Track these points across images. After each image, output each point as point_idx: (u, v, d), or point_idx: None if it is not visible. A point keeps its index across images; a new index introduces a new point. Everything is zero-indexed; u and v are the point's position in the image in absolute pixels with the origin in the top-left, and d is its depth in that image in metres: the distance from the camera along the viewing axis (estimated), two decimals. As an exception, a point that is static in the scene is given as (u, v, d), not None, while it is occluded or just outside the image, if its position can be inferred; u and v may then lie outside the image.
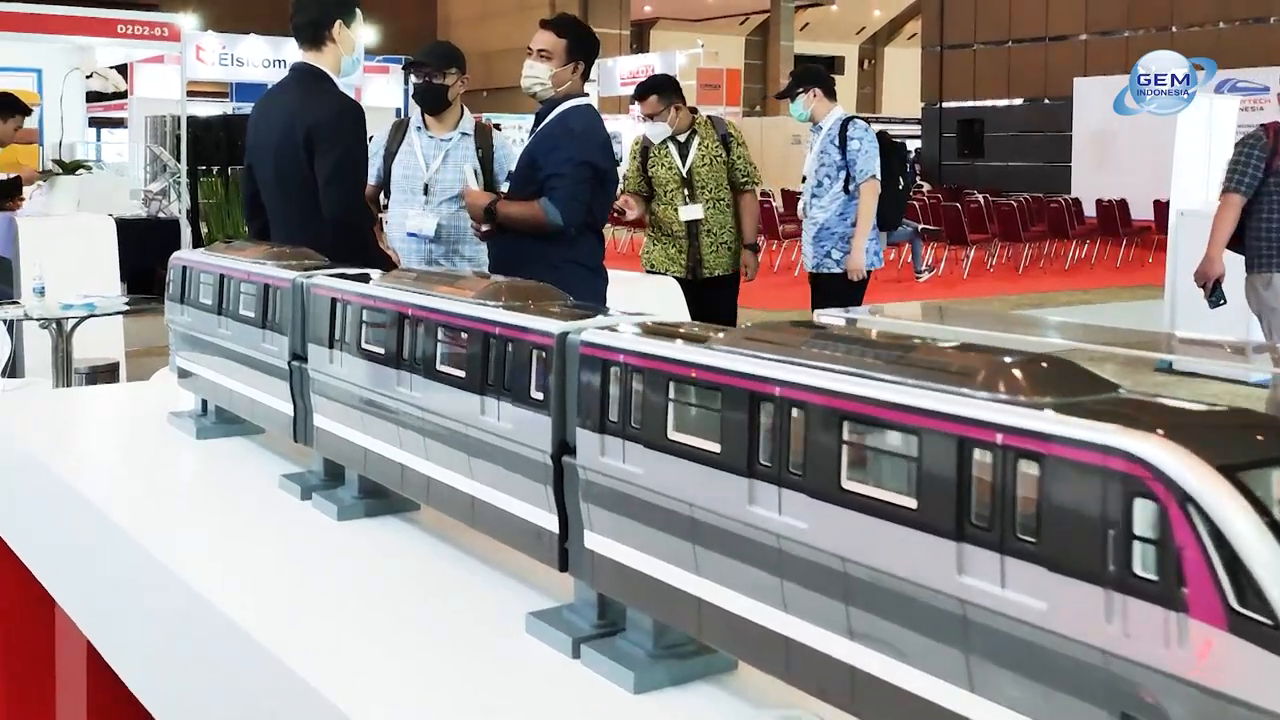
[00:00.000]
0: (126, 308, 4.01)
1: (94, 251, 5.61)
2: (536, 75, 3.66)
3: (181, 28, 11.52)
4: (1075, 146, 22.43)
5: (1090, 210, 16.08)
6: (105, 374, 4.75)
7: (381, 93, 16.44)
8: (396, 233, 4.12)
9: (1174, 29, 21.81)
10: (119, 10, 12.50)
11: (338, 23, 3.37)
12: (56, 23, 10.98)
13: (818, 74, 5.82)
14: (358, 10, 3.49)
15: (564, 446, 1.06)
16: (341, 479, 1.56)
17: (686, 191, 5.23)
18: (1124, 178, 18.33)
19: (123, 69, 13.88)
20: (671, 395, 0.92)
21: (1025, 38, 25.12)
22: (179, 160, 12.00)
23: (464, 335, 1.22)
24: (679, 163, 5.23)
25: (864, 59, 39.56)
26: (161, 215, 11.94)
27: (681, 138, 5.27)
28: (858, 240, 5.34)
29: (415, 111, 4.18)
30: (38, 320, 4.15)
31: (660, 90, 5.29)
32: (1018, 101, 25.29)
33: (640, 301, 4.68)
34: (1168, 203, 15.69)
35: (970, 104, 26.21)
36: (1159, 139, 19.52)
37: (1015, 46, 25.41)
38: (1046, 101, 24.27)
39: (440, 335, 1.26)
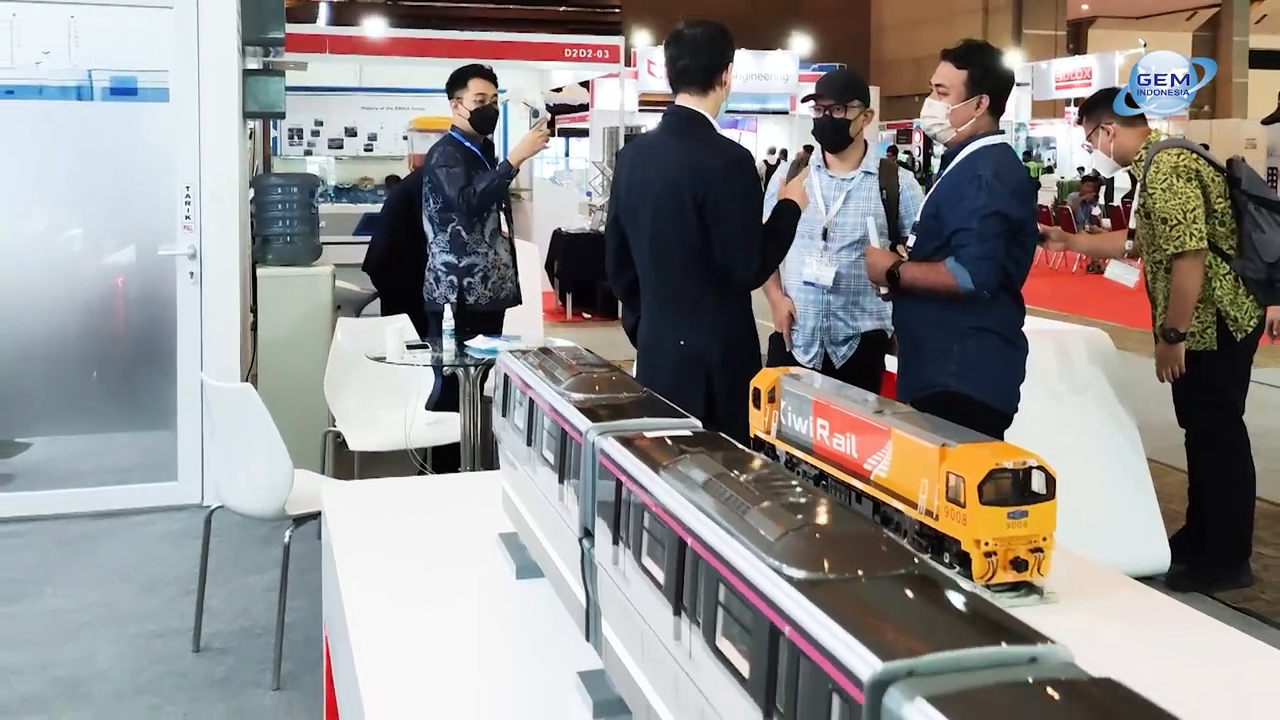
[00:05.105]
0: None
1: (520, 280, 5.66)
2: (933, 115, 3.17)
3: (623, 48, 12.11)
4: None
5: None
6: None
7: (818, 104, 16.25)
8: (793, 280, 3.77)
9: None
10: (572, 35, 13.40)
11: (729, 65, 3.11)
12: (516, 49, 11.81)
13: None
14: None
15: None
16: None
17: (1129, 245, 4.18)
18: None
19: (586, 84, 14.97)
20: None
21: None
22: (617, 173, 12.46)
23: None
24: (1137, 204, 4.05)
25: (1330, 54, 34.15)
26: (601, 229, 12.48)
27: (1132, 169, 4.07)
28: None
29: (816, 148, 3.80)
30: (444, 367, 4.27)
31: (1086, 110, 4.19)
32: None
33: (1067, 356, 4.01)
34: None
35: None
36: None
37: None
38: None
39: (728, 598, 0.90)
